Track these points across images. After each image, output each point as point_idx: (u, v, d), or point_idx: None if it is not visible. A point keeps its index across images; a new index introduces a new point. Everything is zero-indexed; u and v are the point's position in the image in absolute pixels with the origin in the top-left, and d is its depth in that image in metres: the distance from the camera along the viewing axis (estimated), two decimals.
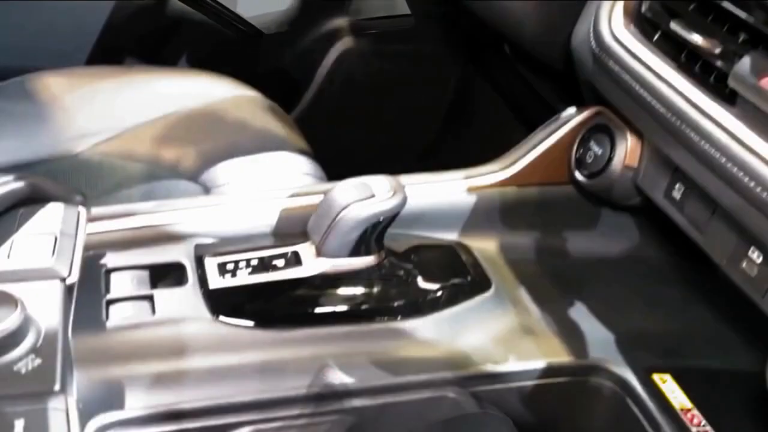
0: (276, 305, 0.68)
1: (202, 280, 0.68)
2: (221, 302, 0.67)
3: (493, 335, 0.69)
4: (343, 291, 0.70)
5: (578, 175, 0.79)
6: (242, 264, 0.70)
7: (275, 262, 0.70)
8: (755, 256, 0.61)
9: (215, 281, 0.68)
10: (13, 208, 0.60)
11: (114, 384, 0.60)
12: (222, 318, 0.66)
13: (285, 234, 0.74)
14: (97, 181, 0.97)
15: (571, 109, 0.81)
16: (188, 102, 1.09)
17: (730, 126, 0.60)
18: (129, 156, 1.01)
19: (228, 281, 0.69)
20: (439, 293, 0.71)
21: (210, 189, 0.98)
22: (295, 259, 0.71)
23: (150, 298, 0.67)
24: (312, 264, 0.70)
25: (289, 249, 0.71)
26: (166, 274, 0.70)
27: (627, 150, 0.75)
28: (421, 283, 0.72)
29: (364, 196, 0.68)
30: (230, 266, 0.70)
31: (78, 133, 1.03)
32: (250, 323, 0.66)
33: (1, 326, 0.51)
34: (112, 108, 1.07)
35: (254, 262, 0.70)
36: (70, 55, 1.27)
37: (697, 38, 0.63)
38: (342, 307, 0.69)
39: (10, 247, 0.58)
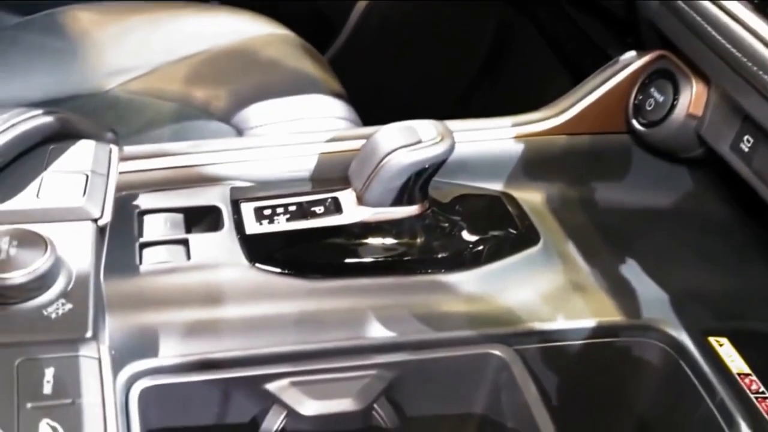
0: (315, 254, 0.66)
1: (239, 225, 0.66)
2: (258, 249, 0.64)
3: (540, 291, 0.66)
4: (385, 241, 0.67)
5: (636, 124, 0.75)
6: (280, 210, 0.67)
7: (314, 208, 0.67)
8: None
9: (252, 227, 0.66)
10: (42, 144, 0.58)
11: (148, 331, 0.58)
12: (258, 265, 0.63)
13: (324, 179, 0.71)
14: (127, 119, 0.94)
15: (631, 53, 0.76)
16: (220, 40, 1.06)
17: None
18: (160, 94, 0.98)
19: (265, 227, 0.66)
20: (485, 246, 0.68)
21: (242, 131, 0.95)
22: (334, 206, 0.68)
23: (185, 243, 0.64)
24: (352, 212, 0.67)
25: (328, 195, 0.68)
26: (202, 218, 0.68)
27: (692, 97, 0.70)
28: (466, 235, 0.68)
29: (410, 142, 0.64)
30: (267, 212, 0.67)
31: (108, 69, 1.01)
32: (288, 271, 0.63)
33: (30, 268, 0.48)
34: (142, 45, 1.04)
35: (292, 208, 0.67)
36: None
37: None
38: (383, 258, 0.66)
39: (40, 185, 0.55)
